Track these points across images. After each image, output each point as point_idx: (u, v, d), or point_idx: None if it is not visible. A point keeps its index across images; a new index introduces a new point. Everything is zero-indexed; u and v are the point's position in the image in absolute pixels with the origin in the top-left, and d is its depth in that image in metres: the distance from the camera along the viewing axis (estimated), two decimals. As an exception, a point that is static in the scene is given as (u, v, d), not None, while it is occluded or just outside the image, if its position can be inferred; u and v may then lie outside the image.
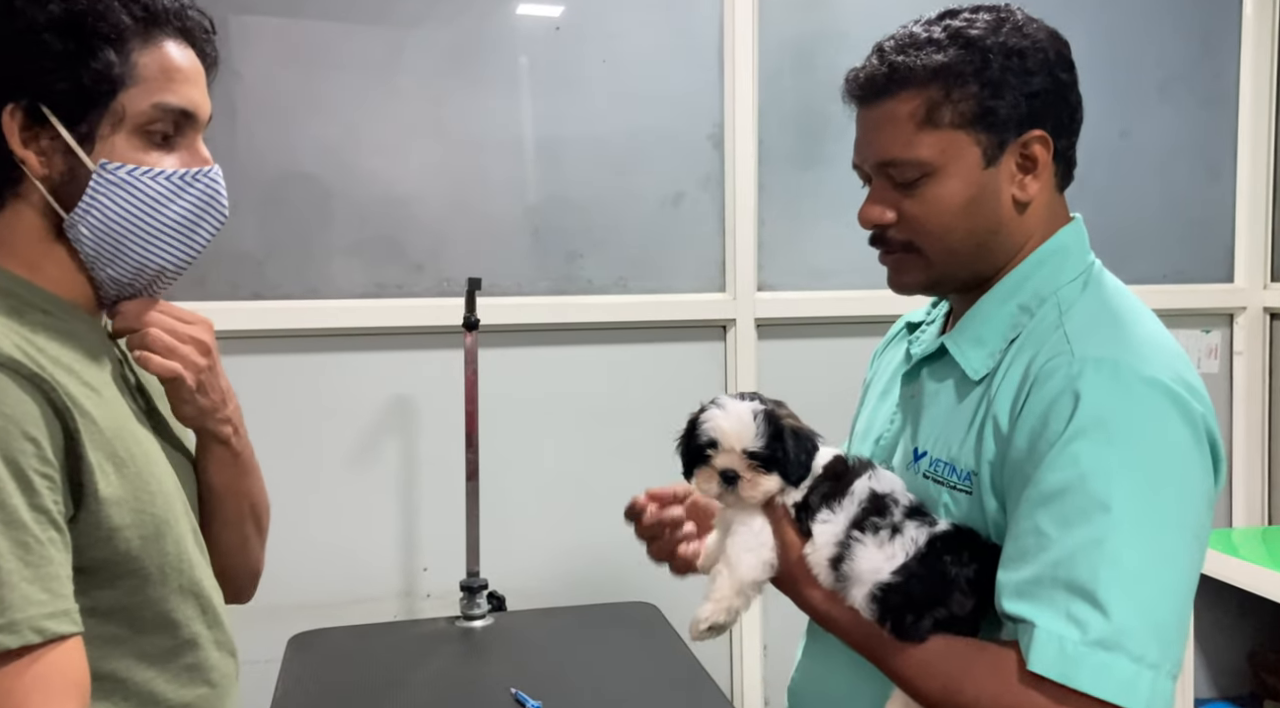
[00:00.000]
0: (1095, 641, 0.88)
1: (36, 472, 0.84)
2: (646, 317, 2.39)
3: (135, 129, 0.94)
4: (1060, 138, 1.06)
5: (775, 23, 2.42)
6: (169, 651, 0.98)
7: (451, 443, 2.18)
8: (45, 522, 0.84)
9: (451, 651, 1.97)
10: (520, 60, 2.33)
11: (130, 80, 0.92)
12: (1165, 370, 0.95)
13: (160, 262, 0.99)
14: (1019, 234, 1.07)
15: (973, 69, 1.02)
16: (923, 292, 1.13)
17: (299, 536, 2.23)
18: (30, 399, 0.85)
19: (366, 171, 2.25)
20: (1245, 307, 2.75)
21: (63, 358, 0.92)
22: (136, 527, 0.93)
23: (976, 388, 1.06)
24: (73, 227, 0.94)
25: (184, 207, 0.98)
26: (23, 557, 0.82)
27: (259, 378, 2.21)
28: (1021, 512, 0.95)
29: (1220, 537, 2.42)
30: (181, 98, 0.95)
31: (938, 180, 1.04)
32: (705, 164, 2.42)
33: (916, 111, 1.03)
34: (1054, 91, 1.05)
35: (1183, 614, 0.93)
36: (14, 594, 0.81)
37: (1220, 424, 0.91)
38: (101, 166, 0.93)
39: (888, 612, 0.98)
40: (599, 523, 2.37)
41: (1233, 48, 2.73)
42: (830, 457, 1.10)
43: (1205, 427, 0.96)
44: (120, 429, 0.94)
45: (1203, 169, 2.74)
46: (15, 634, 0.81)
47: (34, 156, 0.92)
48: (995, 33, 1.03)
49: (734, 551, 1.07)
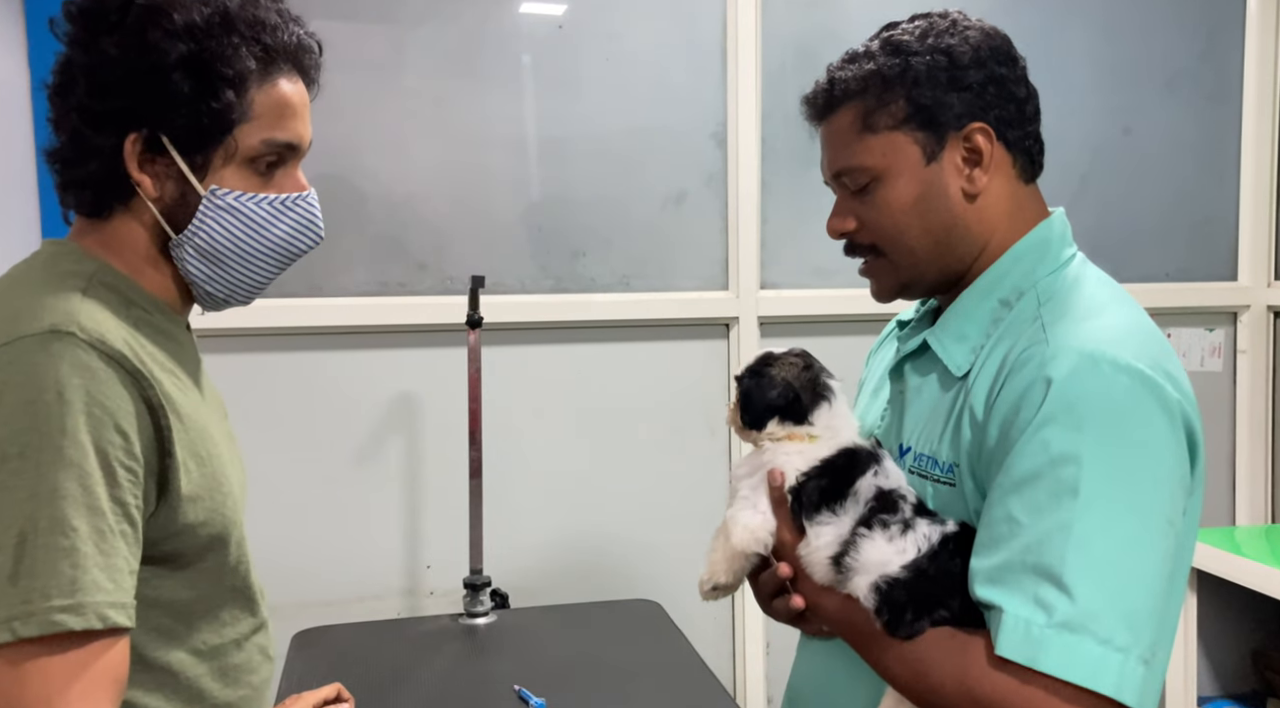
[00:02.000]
0: (1060, 623, 0.88)
1: (122, 465, 0.87)
2: (650, 315, 2.39)
3: (244, 162, 0.99)
4: (1008, 129, 1.07)
5: (778, 21, 2.43)
6: (217, 649, 1.01)
7: (455, 441, 2.19)
8: (120, 515, 0.87)
9: (455, 648, 1.98)
10: (523, 59, 2.33)
11: (245, 118, 0.97)
12: (1143, 357, 0.95)
13: (257, 278, 1.05)
14: (978, 227, 1.08)
15: (898, 72, 1.06)
16: (899, 296, 1.15)
17: (302, 533, 2.24)
18: (129, 394, 0.89)
19: (370, 170, 2.26)
20: (1249, 305, 2.74)
21: (159, 356, 0.96)
22: (208, 525, 0.97)
23: (957, 382, 1.06)
24: (179, 246, 0.99)
25: (283, 229, 1.03)
26: (98, 544, 0.85)
27: (263, 376, 2.21)
28: (994, 499, 0.95)
29: (1223, 535, 2.42)
30: (289, 133, 1.01)
31: (885, 183, 1.07)
32: (708, 162, 2.43)
33: (855, 121, 1.08)
34: (991, 83, 1.06)
35: (1158, 600, 0.91)
36: (86, 577, 0.84)
37: (1223, 422, 0.91)
38: (211, 192, 0.98)
39: (888, 606, 0.97)
40: (602, 520, 2.38)
41: (1236, 44, 2.72)
42: (835, 450, 1.09)
43: (1181, 414, 0.95)
44: (203, 429, 0.98)
45: (1206, 167, 2.73)
46: (81, 616, 0.83)
47: (149, 180, 0.97)
48: (923, 37, 1.07)
49: (733, 521, 1.09)
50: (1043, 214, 1.12)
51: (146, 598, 0.92)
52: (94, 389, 0.86)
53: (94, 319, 0.90)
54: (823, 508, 1.04)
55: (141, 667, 0.94)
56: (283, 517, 2.22)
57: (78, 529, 0.83)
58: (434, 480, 2.31)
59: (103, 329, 0.90)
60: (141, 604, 0.90)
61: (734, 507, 1.10)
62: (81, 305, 0.91)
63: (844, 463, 1.07)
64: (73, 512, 0.83)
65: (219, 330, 2.14)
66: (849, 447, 1.09)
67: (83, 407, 0.85)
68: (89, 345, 0.87)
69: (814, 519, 1.04)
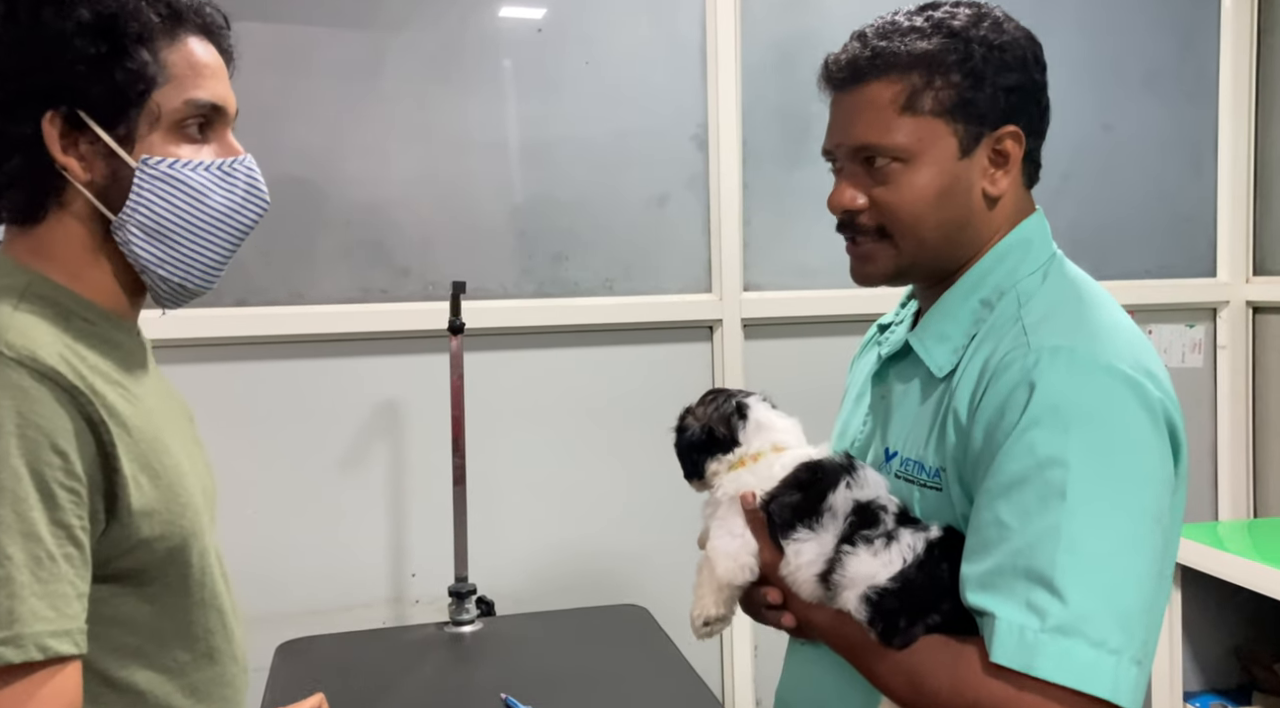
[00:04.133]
0: (1054, 627, 0.88)
1: (62, 486, 0.84)
2: (633, 318, 2.39)
3: (171, 126, 0.95)
4: (1030, 137, 1.07)
5: (757, 22, 2.43)
6: (187, 664, 0.98)
7: (438, 448, 2.17)
8: (64, 538, 0.84)
9: (441, 657, 1.96)
10: (503, 63, 2.32)
11: (162, 79, 0.93)
12: (1124, 357, 0.95)
13: (209, 254, 1.00)
14: (986, 228, 1.08)
15: (956, 58, 1.02)
16: (887, 282, 1.12)
17: (285, 542, 2.22)
18: (65, 412, 0.85)
19: (351, 176, 2.24)
20: (1228, 301, 2.76)
21: (103, 367, 0.92)
22: (165, 539, 0.94)
23: (940, 384, 1.06)
24: (121, 227, 0.95)
25: (227, 195, 0.99)
26: (35, 571, 0.82)
27: (245, 384, 2.19)
28: (982, 503, 0.95)
29: (1206, 530, 2.43)
30: (210, 93, 0.97)
31: (912, 168, 1.04)
32: (690, 165, 2.42)
33: (898, 97, 1.03)
34: (1029, 90, 1.06)
35: (1147, 600, 0.92)
36: (23, 608, 0.81)
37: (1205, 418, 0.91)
38: (144, 162, 0.94)
39: (880, 616, 0.97)
40: (588, 526, 2.37)
41: (1212, 42, 2.74)
42: (795, 463, 1.08)
43: (1164, 412, 0.95)
44: (155, 440, 0.95)
45: (1185, 163, 2.75)
46: (19, 649, 0.81)
47: (75, 162, 0.93)
48: (977, 26, 1.04)
49: (713, 552, 1.08)
50: (1029, 215, 1.11)
51: (105, 617, 0.89)
52: (26, 410, 0.83)
53: (25, 336, 0.86)
54: (797, 525, 1.03)
55: (107, 688, 0.92)
56: (266, 526, 2.20)
57: (12, 558, 0.81)
58: (418, 488, 2.29)
59: (34, 345, 0.86)
60: (101, 624, 0.88)
61: (711, 539, 1.09)
62: (11, 322, 0.87)
63: (810, 478, 1.06)
64: (7, 540, 0.81)
65: (201, 340, 2.13)
66: (812, 461, 1.08)
67: (14, 429, 0.82)
68: (18, 363, 0.84)
69: (790, 537, 1.03)
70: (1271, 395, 2.76)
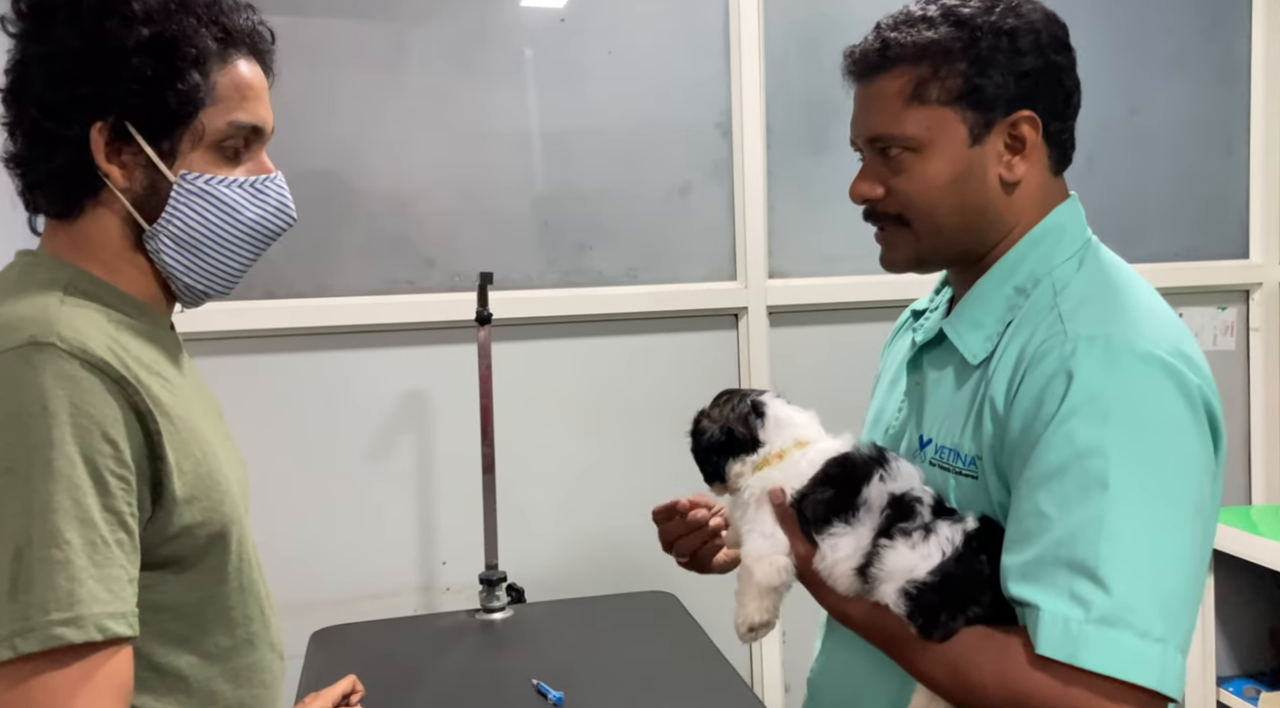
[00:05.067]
0: (1099, 618, 0.87)
1: (113, 473, 0.87)
2: (658, 307, 2.39)
3: (211, 145, 0.98)
4: (1052, 120, 1.06)
5: (780, 8, 2.41)
6: (229, 650, 1.01)
7: (467, 437, 2.19)
8: (115, 524, 0.87)
9: (472, 643, 1.98)
10: (525, 53, 2.32)
11: (210, 100, 0.97)
12: (1160, 343, 0.95)
13: (233, 265, 1.03)
14: (1008, 214, 1.07)
15: (961, 46, 1.03)
16: (912, 268, 1.13)
17: (318, 532, 2.24)
18: (115, 402, 0.88)
19: (375, 168, 2.26)
20: (1261, 283, 2.72)
21: (145, 358, 0.95)
22: (206, 525, 0.96)
23: (975, 372, 1.05)
24: (154, 238, 0.98)
25: (257, 211, 1.02)
26: (91, 555, 0.84)
27: (273, 377, 2.22)
28: (1022, 494, 0.95)
29: (1239, 514, 2.41)
30: (253, 115, 1.00)
31: (924, 157, 1.05)
32: (713, 152, 2.42)
33: (905, 87, 1.05)
34: (1046, 73, 1.05)
35: (1189, 588, 0.91)
36: (82, 590, 0.83)
37: (1238, 401, 0.90)
38: (182, 177, 0.97)
39: (920, 610, 0.96)
40: (615, 513, 2.38)
41: (1244, 20, 2.70)
42: (823, 458, 1.07)
43: (1202, 398, 0.95)
44: (195, 429, 0.98)
45: (1216, 144, 2.71)
46: (80, 629, 0.83)
47: (117, 170, 0.96)
48: (988, 12, 1.04)
49: (749, 557, 1.07)
50: (1063, 200, 1.11)
51: (152, 603, 0.92)
52: (78, 399, 0.85)
53: (74, 328, 0.89)
54: (833, 520, 1.03)
55: (152, 672, 0.94)
56: (298, 517, 2.23)
57: (71, 542, 0.83)
58: (447, 477, 2.31)
59: (83, 337, 0.89)
60: (148, 610, 0.90)
61: (744, 543, 1.08)
62: (60, 314, 0.90)
63: (841, 472, 1.05)
64: (65, 525, 0.83)
65: (229, 333, 2.15)
66: (842, 455, 1.07)
67: (68, 418, 0.84)
68: (70, 355, 0.87)
69: (825, 531, 1.03)
70: (1305, 378, 2.72)
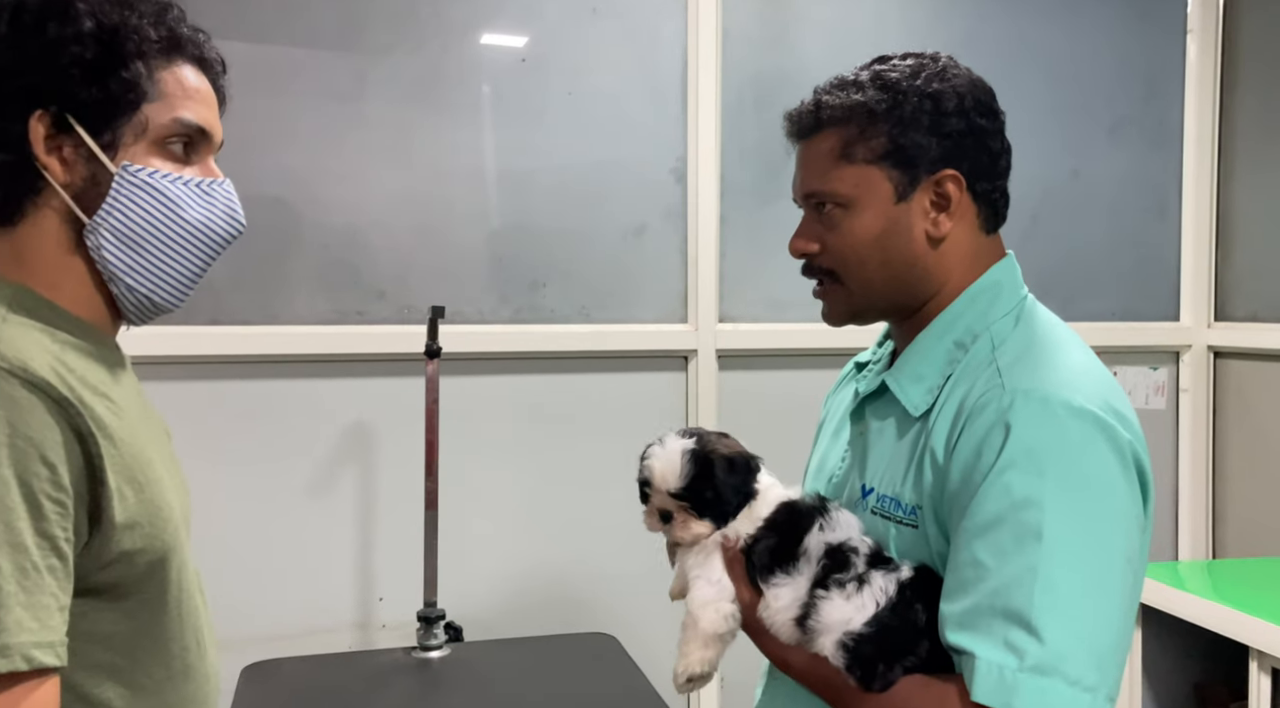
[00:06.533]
0: (1032, 666, 0.90)
1: (49, 497, 0.84)
2: (609, 346, 2.40)
3: (155, 141, 0.97)
4: (979, 180, 1.10)
5: (737, 60, 2.47)
6: (162, 682, 0.98)
7: (410, 471, 2.17)
8: (48, 549, 0.84)
9: (408, 682, 1.95)
10: (484, 90, 2.34)
11: (154, 95, 0.96)
12: (1094, 399, 0.98)
13: (178, 268, 1.00)
14: (937, 270, 1.11)
15: (886, 108, 1.08)
16: (849, 321, 1.17)
17: (253, 564, 2.20)
18: (55, 424, 0.86)
19: (329, 198, 2.25)
20: (1190, 345, 2.82)
21: (90, 379, 0.93)
22: (145, 552, 0.94)
23: (916, 423, 1.08)
24: (94, 232, 0.96)
25: (203, 211, 1.00)
26: (20, 582, 0.82)
27: (216, 404, 2.18)
28: (959, 543, 0.97)
29: (1166, 570, 2.47)
30: (198, 115, 0.99)
31: (852, 213, 1.10)
32: (668, 197, 2.45)
33: (835, 147, 1.10)
34: (970, 134, 1.09)
35: (1119, 638, 0.95)
36: (9, 617, 0.81)
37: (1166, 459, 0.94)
38: (123, 168, 0.95)
39: (858, 662, 0.97)
40: (559, 553, 2.37)
41: (1177, 90, 2.82)
42: (774, 506, 1.08)
43: (1133, 453, 0.98)
44: (139, 453, 0.95)
45: (1150, 208, 2.82)
46: (6, 659, 0.80)
47: (57, 163, 0.94)
48: (914, 77, 1.10)
49: (694, 605, 1.06)
50: (998, 258, 1.15)
51: (83, 633, 0.89)
52: (16, 421, 0.83)
53: (15, 347, 0.87)
54: (775, 569, 1.03)
55: (80, 703, 0.91)
56: (234, 548, 2.18)
57: (0, 567, 0.81)
58: (388, 512, 2.28)
59: (25, 357, 0.87)
60: (78, 639, 0.88)
61: (691, 589, 1.07)
62: (1, 334, 0.88)
63: (786, 519, 1.06)
64: None
65: (172, 358, 2.12)
66: (788, 501, 1.08)
67: (5, 439, 0.82)
68: (10, 374, 0.84)
69: (769, 580, 1.04)
70: (1231, 438, 2.81)
